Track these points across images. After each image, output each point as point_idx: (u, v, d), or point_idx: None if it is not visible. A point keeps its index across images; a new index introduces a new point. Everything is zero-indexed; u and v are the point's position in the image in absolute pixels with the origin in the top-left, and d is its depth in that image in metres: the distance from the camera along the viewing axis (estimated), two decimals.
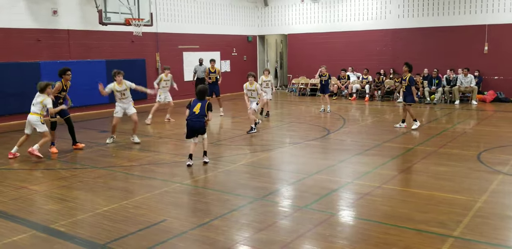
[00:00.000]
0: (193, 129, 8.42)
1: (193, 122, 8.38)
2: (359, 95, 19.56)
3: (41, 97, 9.13)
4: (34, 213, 6.11)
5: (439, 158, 8.83)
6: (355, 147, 9.99)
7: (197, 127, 8.39)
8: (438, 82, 17.79)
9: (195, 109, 8.36)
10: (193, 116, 8.37)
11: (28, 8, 14.21)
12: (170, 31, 18.92)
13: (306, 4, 22.27)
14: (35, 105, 9.15)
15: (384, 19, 20.19)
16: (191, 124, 8.39)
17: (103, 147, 10.26)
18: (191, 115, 8.38)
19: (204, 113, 8.38)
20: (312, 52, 22.06)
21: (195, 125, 8.38)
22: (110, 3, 14.14)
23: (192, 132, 8.46)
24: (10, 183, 7.51)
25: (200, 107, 8.36)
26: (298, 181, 7.44)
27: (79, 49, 15.69)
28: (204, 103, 8.43)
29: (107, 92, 10.43)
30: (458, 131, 11.84)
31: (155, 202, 6.51)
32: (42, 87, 9.19)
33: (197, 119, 8.37)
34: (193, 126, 8.38)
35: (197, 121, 8.37)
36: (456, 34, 18.53)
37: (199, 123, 8.38)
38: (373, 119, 14.29)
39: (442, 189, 6.83)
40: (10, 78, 13.72)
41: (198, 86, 8.73)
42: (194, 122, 8.37)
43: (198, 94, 8.55)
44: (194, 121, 8.37)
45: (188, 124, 8.42)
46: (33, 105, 9.20)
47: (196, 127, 8.38)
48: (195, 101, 8.49)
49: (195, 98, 8.55)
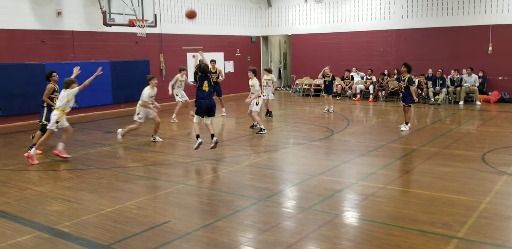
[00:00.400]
0: (207, 107, 8.99)
1: (206, 100, 8.96)
2: (363, 96, 19.54)
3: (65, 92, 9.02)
4: (39, 214, 6.13)
5: (443, 159, 8.80)
6: (359, 148, 9.98)
7: (211, 105, 9.02)
8: (442, 83, 17.74)
9: (204, 87, 8.94)
10: (204, 94, 8.92)
11: (33, 9, 14.27)
12: (174, 32, 18.97)
13: (310, 5, 22.27)
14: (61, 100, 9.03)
15: (388, 20, 20.16)
16: (205, 103, 8.95)
17: (108, 148, 10.29)
18: (202, 93, 8.91)
19: (211, 91, 9.02)
20: (315, 52, 22.05)
21: (209, 104, 9.00)
22: (114, 4, 14.19)
23: (205, 110, 9.00)
24: (15, 184, 7.54)
25: (208, 84, 8.95)
26: (302, 182, 7.44)
27: (83, 50, 15.74)
28: (209, 79, 9.05)
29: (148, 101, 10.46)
30: (463, 131, 11.80)
31: (159, 203, 6.52)
32: (68, 82, 9.07)
33: (209, 97, 9.03)
34: (207, 105, 8.98)
35: (209, 99, 9.02)
36: (460, 34, 18.49)
37: (211, 101, 9.04)
38: (377, 120, 14.27)
39: (446, 190, 6.81)
40: (15, 79, 13.78)
41: (198, 65, 9.05)
42: (207, 100, 8.97)
43: (201, 71, 8.98)
44: (207, 99, 8.97)
45: (201, 102, 8.94)
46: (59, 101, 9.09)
47: (210, 105, 9.01)
48: (201, 78, 8.97)
49: (200, 75, 8.98)
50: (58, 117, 8.87)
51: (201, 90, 8.94)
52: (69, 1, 15.19)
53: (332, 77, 15.58)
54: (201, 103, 8.95)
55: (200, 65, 9.05)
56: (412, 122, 12.22)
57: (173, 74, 14.04)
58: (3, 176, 8.05)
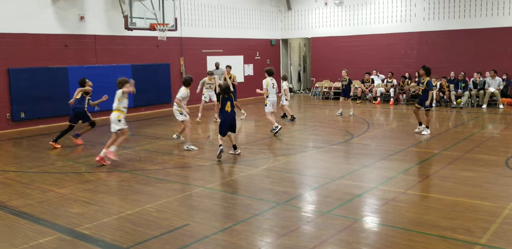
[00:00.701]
0: (230, 124, 9.25)
1: (228, 120, 9.21)
2: (384, 99, 19.36)
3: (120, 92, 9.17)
4: (60, 216, 6.21)
5: (466, 163, 8.65)
6: (379, 152, 9.88)
7: (233, 122, 9.31)
8: (465, 86, 17.46)
9: (227, 108, 9.17)
10: (227, 115, 9.17)
11: (56, 14, 14.53)
12: (194, 36, 19.10)
13: (330, 8, 22.19)
14: (115, 101, 9.17)
15: (409, 22, 19.96)
16: (227, 123, 9.22)
17: (128, 151, 10.40)
18: (225, 114, 9.17)
19: (234, 110, 9.31)
20: (335, 55, 21.95)
21: (231, 120, 9.27)
22: (136, 8, 14.35)
23: (228, 126, 9.25)
24: (38, 186, 7.67)
25: (230, 105, 9.17)
26: (321, 186, 7.39)
27: (105, 54, 15.96)
28: (231, 99, 9.25)
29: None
30: (486, 135, 11.59)
31: (178, 206, 6.55)
32: (122, 82, 9.22)
33: (232, 117, 9.27)
34: (230, 121, 9.25)
35: (232, 119, 9.27)
36: (484, 36, 18.18)
37: (233, 118, 9.31)
38: (398, 123, 14.12)
39: (468, 195, 6.69)
40: (39, 83, 14.05)
41: (220, 85, 9.19)
42: (229, 120, 9.22)
43: (223, 91, 9.19)
44: (229, 119, 9.22)
45: (224, 123, 9.23)
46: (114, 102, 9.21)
47: (231, 124, 9.28)
48: (224, 99, 9.16)
49: (223, 96, 9.18)
50: (118, 116, 9.05)
51: (224, 111, 9.19)
52: (91, 6, 15.43)
53: (348, 81, 15.39)
54: (224, 123, 9.26)
55: (223, 86, 9.31)
56: (433, 125, 12.05)
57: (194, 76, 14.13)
58: (26, 178, 8.20)
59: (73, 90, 14.57)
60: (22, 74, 13.70)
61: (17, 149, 11.43)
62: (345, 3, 21.62)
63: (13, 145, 11.79)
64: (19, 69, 13.65)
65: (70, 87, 14.63)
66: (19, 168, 9.05)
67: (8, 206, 6.64)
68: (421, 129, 11.82)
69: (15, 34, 13.60)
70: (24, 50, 13.86)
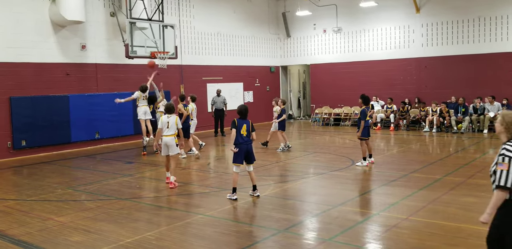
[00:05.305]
0: (246, 153, 8.21)
1: (244, 145, 8.19)
2: (384, 125, 19.40)
3: (173, 118, 9.32)
4: (59, 244, 6.13)
5: (468, 189, 8.60)
6: (381, 178, 9.83)
7: (249, 150, 8.24)
8: (465, 111, 17.52)
9: (243, 131, 8.18)
10: (243, 139, 8.19)
11: (58, 43, 14.74)
12: (194, 63, 19.32)
13: (328, 35, 22.51)
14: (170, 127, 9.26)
15: (407, 48, 20.21)
16: (244, 148, 8.18)
17: (129, 178, 10.35)
18: (241, 138, 8.17)
19: (250, 134, 8.28)
20: (335, 81, 22.13)
21: (247, 149, 8.22)
22: (136, 37, 14.57)
23: (244, 156, 8.21)
24: (38, 214, 7.60)
25: (246, 129, 8.22)
26: (322, 212, 7.33)
27: (106, 81, 16.10)
28: (248, 123, 8.28)
29: None
30: (488, 161, 11.55)
31: (178, 233, 6.48)
32: (171, 108, 9.38)
33: (249, 142, 8.25)
34: (246, 150, 8.21)
35: (248, 144, 8.24)
36: (482, 62, 18.36)
37: (250, 146, 8.26)
38: (398, 149, 14.10)
39: (471, 221, 6.61)
40: (40, 111, 14.11)
41: (238, 106, 8.45)
42: (245, 145, 8.20)
43: (240, 113, 8.34)
44: (245, 144, 8.20)
45: (241, 148, 8.15)
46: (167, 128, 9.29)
47: (249, 150, 8.23)
48: (240, 121, 8.25)
49: (239, 118, 8.30)
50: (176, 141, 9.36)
51: (240, 135, 8.19)
52: (93, 35, 15.68)
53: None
54: (241, 148, 8.18)
55: (242, 109, 8.44)
56: (434, 151, 12.02)
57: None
58: (26, 207, 8.14)
59: (74, 118, 14.77)
60: (23, 103, 13.79)
61: (17, 177, 11.38)
62: (344, 30, 21.95)
63: (13, 173, 11.75)
64: (21, 97, 13.75)
65: (71, 115, 14.73)
66: (19, 197, 8.99)
67: (7, 235, 6.57)
68: (364, 163, 11.20)
69: (17, 63, 13.75)
70: (26, 79, 13.98)
